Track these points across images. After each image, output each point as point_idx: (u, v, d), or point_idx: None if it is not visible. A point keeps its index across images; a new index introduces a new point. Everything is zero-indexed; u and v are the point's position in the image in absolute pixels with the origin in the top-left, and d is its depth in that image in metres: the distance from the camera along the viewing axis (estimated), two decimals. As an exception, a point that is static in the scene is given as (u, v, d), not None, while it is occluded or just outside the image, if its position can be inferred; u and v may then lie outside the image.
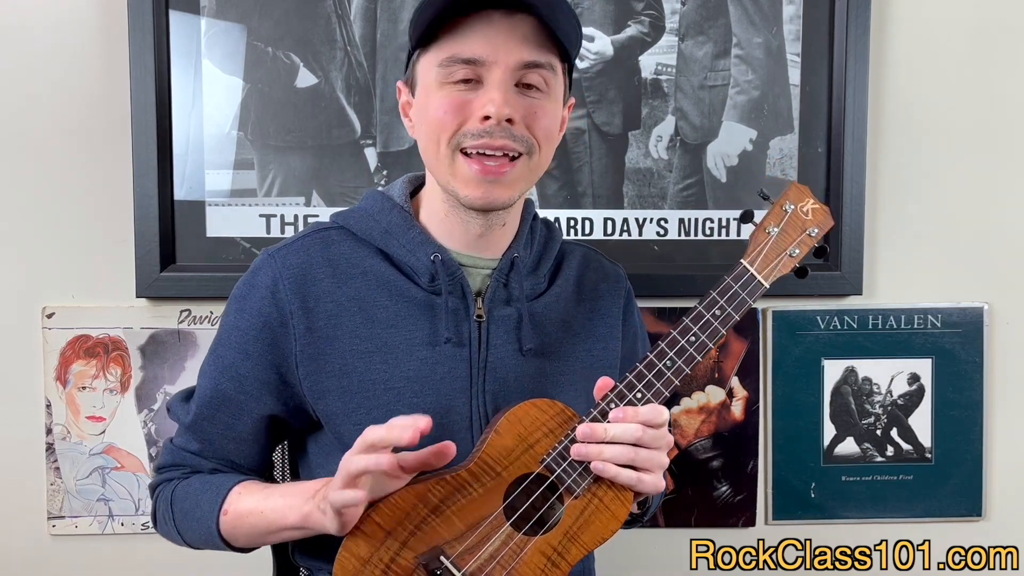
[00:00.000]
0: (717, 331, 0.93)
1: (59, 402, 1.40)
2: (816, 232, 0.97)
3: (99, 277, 1.40)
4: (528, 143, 0.91)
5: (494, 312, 0.98)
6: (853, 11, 1.42)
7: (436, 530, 0.86)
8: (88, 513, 1.41)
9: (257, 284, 0.96)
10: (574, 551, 0.89)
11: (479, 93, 0.90)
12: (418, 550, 0.85)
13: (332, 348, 0.94)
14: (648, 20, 1.43)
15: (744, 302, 0.93)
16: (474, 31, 0.89)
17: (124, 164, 1.36)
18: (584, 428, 0.87)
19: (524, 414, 0.89)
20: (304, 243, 0.98)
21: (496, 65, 0.89)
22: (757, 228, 0.96)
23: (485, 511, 0.87)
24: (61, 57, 1.37)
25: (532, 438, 0.89)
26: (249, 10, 1.37)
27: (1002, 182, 1.50)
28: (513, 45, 0.89)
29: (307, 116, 1.39)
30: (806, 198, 0.97)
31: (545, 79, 0.92)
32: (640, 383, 0.90)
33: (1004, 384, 1.51)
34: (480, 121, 0.89)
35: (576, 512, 0.89)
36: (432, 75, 0.91)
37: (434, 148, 0.92)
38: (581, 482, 0.88)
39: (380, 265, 0.97)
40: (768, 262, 0.95)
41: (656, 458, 0.88)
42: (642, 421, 0.87)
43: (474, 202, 0.92)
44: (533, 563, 0.88)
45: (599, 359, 1.04)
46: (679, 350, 0.91)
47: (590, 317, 1.05)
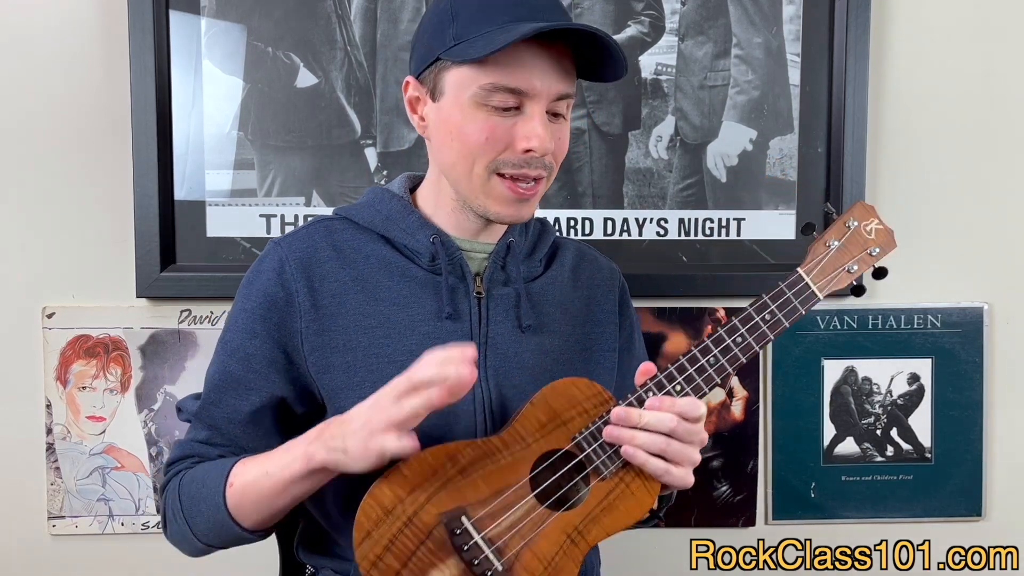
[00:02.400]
0: (764, 335, 0.92)
1: (59, 402, 1.40)
2: (877, 252, 0.97)
3: (99, 277, 1.40)
4: (551, 168, 0.96)
5: (492, 291, 1.00)
6: (853, 11, 1.42)
7: (461, 491, 0.86)
8: (88, 513, 1.41)
9: (264, 268, 0.99)
10: (595, 532, 0.89)
11: (518, 120, 0.92)
12: (442, 508, 0.86)
13: (336, 324, 0.95)
14: (648, 20, 1.43)
15: (795, 310, 0.93)
16: (524, 61, 0.90)
17: (124, 164, 1.37)
18: (619, 411, 0.88)
19: (563, 390, 0.90)
20: (309, 231, 1.01)
21: (540, 97, 0.91)
22: (817, 240, 0.96)
23: (511, 479, 0.88)
24: (61, 57, 1.37)
25: (566, 415, 0.90)
26: (249, 10, 1.38)
27: (1002, 182, 1.50)
28: (555, 78, 0.92)
29: (307, 116, 1.39)
30: (871, 217, 0.97)
31: (568, 107, 0.96)
32: (681, 376, 0.90)
33: (1004, 384, 1.51)
34: (522, 152, 0.92)
35: (601, 494, 0.89)
36: (469, 92, 0.91)
37: (466, 166, 0.94)
38: (610, 465, 0.89)
39: (382, 249, 1.00)
40: (825, 274, 0.95)
41: (687, 452, 0.88)
42: (678, 412, 0.87)
43: (505, 219, 0.97)
44: (552, 538, 0.88)
45: (598, 342, 1.05)
46: (724, 348, 0.91)
47: (587, 303, 1.06)
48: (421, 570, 0.84)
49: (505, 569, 0.86)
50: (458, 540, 0.85)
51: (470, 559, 0.85)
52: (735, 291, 1.45)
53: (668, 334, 1.46)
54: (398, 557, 0.84)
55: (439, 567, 0.85)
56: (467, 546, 0.85)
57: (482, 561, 0.86)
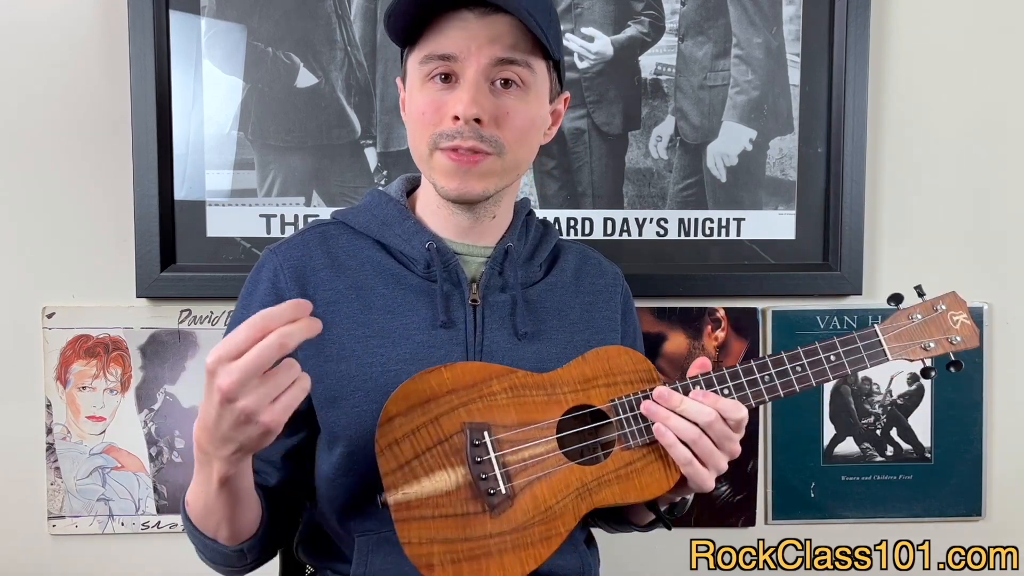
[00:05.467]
0: (823, 373, 0.93)
1: (59, 402, 1.40)
2: (958, 341, 0.96)
3: (99, 277, 1.40)
4: (497, 144, 0.93)
5: (488, 298, 0.99)
6: (853, 11, 1.42)
7: (492, 410, 0.89)
8: (88, 513, 1.41)
9: (260, 279, 0.99)
10: (603, 495, 0.89)
11: (453, 92, 0.92)
12: (469, 418, 0.88)
13: (330, 334, 0.95)
14: (648, 20, 1.43)
15: (861, 360, 0.93)
16: (450, 28, 0.91)
17: (124, 164, 1.37)
18: (662, 390, 0.89)
19: (615, 354, 0.93)
20: (304, 238, 1.01)
21: (469, 63, 0.91)
22: (903, 310, 0.97)
23: (540, 417, 0.90)
24: (61, 57, 1.37)
25: (611, 378, 0.91)
26: (249, 10, 1.38)
27: (1002, 182, 1.50)
28: (486, 43, 0.91)
29: (307, 116, 1.39)
30: (961, 310, 0.98)
31: (521, 77, 0.93)
32: (731, 381, 0.91)
33: (1004, 384, 1.51)
34: (452, 121, 0.92)
35: (621, 462, 0.90)
36: (416, 72, 0.94)
37: (415, 144, 0.96)
38: (638, 437, 0.90)
39: (377, 255, 1.00)
40: (901, 340, 0.95)
41: (716, 455, 0.88)
42: (719, 410, 0.87)
43: (450, 193, 0.95)
44: (561, 484, 0.88)
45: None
46: (780, 372, 0.92)
47: (588, 309, 1.05)
48: (430, 467, 0.86)
49: (507, 495, 0.87)
50: (474, 452, 0.87)
51: (478, 473, 0.87)
52: (735, 291, 1.45)
53: (668, 334, 1.47)
54: (413, 448, 0.86)
55: (447, 470, 0.86)
56: (480, 459, 0.87)
57: (490, 478, 0.87)
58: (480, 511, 0.86)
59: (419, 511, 0.85)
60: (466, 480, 0.86)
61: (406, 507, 0.85)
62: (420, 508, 0.85)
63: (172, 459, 1.42)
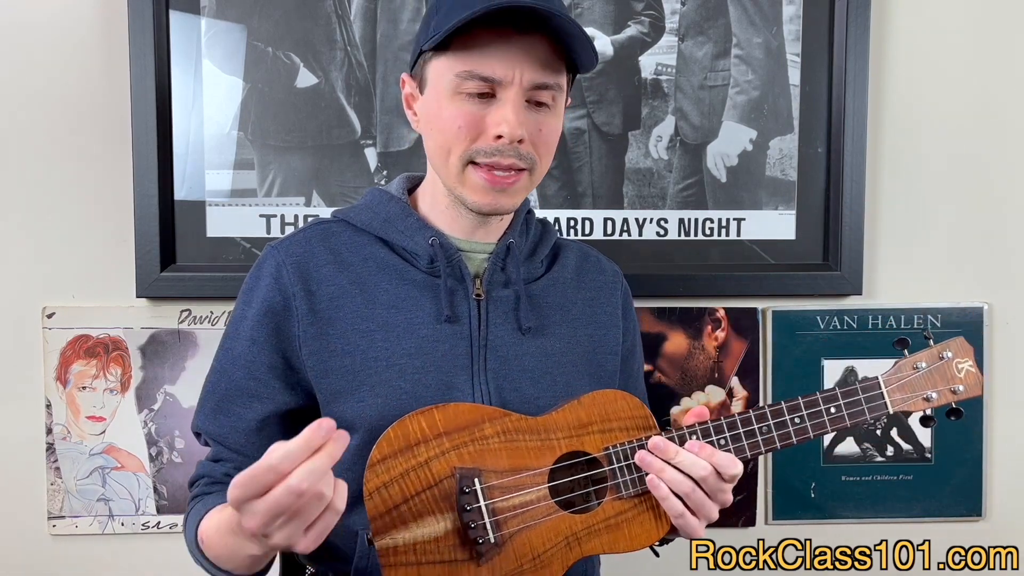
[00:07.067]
0: (822, 425, 0.92)
1: (59, 402, 1.40)
2: (961, 391, 0.96)
3: (99, 277, 1.40)
4: (531, 160, 0.94)
5: (492, 293, 0.99)
6: (853, 11, 1.42)
7: (483, 454, 0.87)
8: (88, 513, 1.41)
9: (262, 275, 0.99)
10: (592, 544, 0.89)
11: (491, 108, 0.91)
12: (460, 462, 0.86)
13: (334, 329, 0.95)
14: (648, 20, 1.43)
15: (861, 413, 0.93)
16: (492, 48, 0.90)
17: (124, 164, 1.36)
18: (658, 441, 0.89)
19: (612, 399, 0.92)
20: (306, 235, 1.01)
21: (512, 85, 0.90)
22: (908, 358, 0.96)
23: (532, 463, 0.89)
24: (61, 57, 1.37)
25: (606, 424, 0.91)
26: (249, 10, 1.38)
27: (1002, 182, 1.50)
28: (528, 66, 0.90)
29: (307, 116, 1.39)
30: (967, 357, 0.97)
31: (553, 97, 0.94)
32: (728, 431, 0.91)
33: (1004, 384, 1.51)
34: (493, 139, 0.91)
35: (612, 511, 0.89)
36: (445, 82, 0.92)
37: (443, 156, 0.94)
38: (631, 487, 0.90)
39: (380, 251, 0.99)
40: (903, 391, 0.95)
41: (708, 506, 0.89)
42: (714, 464, 0.88)
43: (482, 208, 0.95)
44: (551, 533, 0.88)
45: (601, 344, 1.05)
46: (779, 423, 0.92)
47: (590, 304, 1.06)
48: (418, 512, 0.85)
49: (495, 544, 0.86)
50: (463, 499, 0.86)
51: (467, 521, 0.86)
52: (735, 291, 1.45)
53: (668, 334, 1.47)
54: (402, 492, 0.85)
55: (436, 516, 0.85)
56: (469, 507, 0.86)
57: (478, 527, 0.86)
58: (467, 558, 0.86)
59: (406, 556, 0.84)
60: (454, 527, 0.86)
61: (393, 552, 0.84)
62: (407, 554, 0.84)
63: (172, 459, 1.42)
